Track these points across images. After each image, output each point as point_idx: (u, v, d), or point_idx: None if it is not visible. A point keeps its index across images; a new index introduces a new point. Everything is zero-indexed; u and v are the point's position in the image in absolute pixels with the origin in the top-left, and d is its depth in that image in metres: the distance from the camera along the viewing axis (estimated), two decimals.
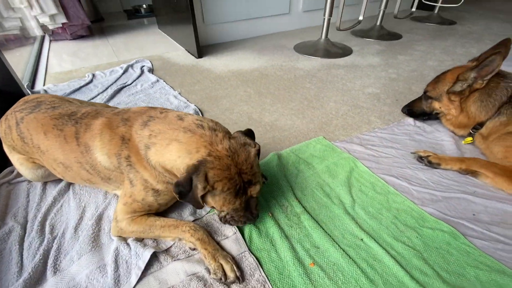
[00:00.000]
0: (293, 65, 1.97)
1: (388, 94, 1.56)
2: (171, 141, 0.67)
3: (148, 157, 0.69)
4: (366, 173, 0.99)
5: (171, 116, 0.72)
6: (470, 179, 0.96)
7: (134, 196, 0.74)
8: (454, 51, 2.18)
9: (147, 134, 0.70)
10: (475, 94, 1.04)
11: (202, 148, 0.64)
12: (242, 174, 0.66)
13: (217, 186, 0.63)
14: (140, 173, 0.72)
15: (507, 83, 1.00)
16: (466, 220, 0.82)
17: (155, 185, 0.73)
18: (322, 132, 1.24)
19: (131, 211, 0.75)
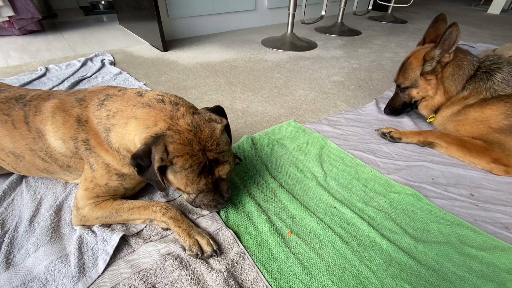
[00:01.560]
0: (261, 57, 1.99)
1: (351, 81, 1.64)
2: (129, 119, 0.62)
3: (110, 140, 0.64)
4: (335, 149, 1.03)
5: (130, 93, 0.66)
6: (428, 149, 1.05)
7: (96, 180, 0.68)
8: (407, 45, 2.38)
9: (105, 115, 0.64)
10: (448, 68, 1.06)
11: (161, 121, 0.59)
12: (207, 152, 0.61)
13: (177, 161, 0.58)
14: (101, 157, 0.66)
15: (472, 57, 1.03)
16: (426, 184, 0.89)
17: (120, 169, 0.68)
18: (292, 116, 1.26)
19: (94, 196, 0.69)
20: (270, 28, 2.80)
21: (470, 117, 1.00)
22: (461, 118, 1.02)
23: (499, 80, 0.96)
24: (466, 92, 1.02)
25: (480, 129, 0.98)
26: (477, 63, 1.02)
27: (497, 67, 0.98)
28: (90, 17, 3.17)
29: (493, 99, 0.95)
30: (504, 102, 0.93)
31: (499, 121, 0.93)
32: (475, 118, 0.99)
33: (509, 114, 0.91)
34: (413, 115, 1.28)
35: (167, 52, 2.05)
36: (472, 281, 0.62)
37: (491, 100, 0.95)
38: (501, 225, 0.76)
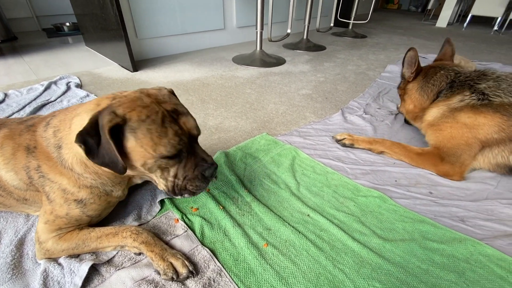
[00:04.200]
0: (233, 74, 2.05)
1: (319, 94, 1.74)
2: (71, 120, 0.60)
3: (63, 157, 0.61)
4: (306, 159, 1.07)
5: (72, 105, 0.66)
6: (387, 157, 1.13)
7: (55, 212, 0.64)
8: (367, 58, 2.58)
9: (51, 132, 0.62)
10: (414, 83, 1.20)
11: (104, 100, 0.58)
12: (161, 104, 0.59)
13: (131, 116, 0.54)
14: (56, 183, 0.63)
15: (446, 72, 1.12)
16: (390, 186, 0.95)
17: (76, 193, 0.64)
18: (265, 130, 1.30)
19: (56, 229, 0.65)
20: (240, 46, 2.90)
21: (460, 121, 0.99)
22: (449, 120, 1.03)
23: (484, 86, 0.98)
24: (441, 99, 1.09)
25: (460, 138, 0.98)
26: (452, 76, 1.09)
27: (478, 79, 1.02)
28: (54, 39, 3.07)
29: (487, 107, 0.94)
30: (500, 114, 0.91)
31: (489, 133, 0.92)
32: (465, 123, 0.97)
33: (504, 128, 0.90)
34: (374, 123, 1.38)
35: (137, 72, 2.03)
36: (435, 273, 0.67)
37: (484, 108, 0.94)
38: (457, 218, 0.83)
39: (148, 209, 0.81)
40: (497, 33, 4.26)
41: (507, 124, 0.92)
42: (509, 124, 0.92)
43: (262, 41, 2.36)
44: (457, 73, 1.08)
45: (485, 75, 1.02)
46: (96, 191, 0.66)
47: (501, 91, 0.95)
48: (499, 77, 0.98)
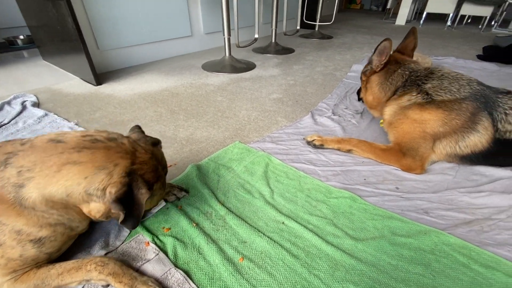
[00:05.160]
0: (203, 82, 2.02)
1: (289, 97, 1.76)
2: (61, 166, 0.57)
3: (23, 196, 0.56)
4: (279, 165, 1.08)
5: (40, 143, 0.59)
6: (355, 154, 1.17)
7: (6, 255, 0.58)
8: (334, 58, 2.67)
9: (15, 173, 0.56)
10: (376, 77, 1.23)
11: (120, 159, 0.60)
12: (164, 169, 0.74)
13: (155, 187, 0.67)
14: (8, 225, 0.57)
15: (403, 70, 1.15)
16: (360, 185, 0.99)
17: (35, 233, 0.59)
18: (237, 138, 1.30)
19: (10, 272, 0.60)
20: (209, 52, 2.87)
21: (410, 117, 1.07)
22: (401, 117, 1.11)
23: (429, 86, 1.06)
24: (396, 97, 1.16)
25: (413, 132, 1.05)
26: (406, 76, 1.14)
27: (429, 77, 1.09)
28: (6, 54, 2.84)
29: (431, 104, 1.02)
30: (442, 110, 1.00)
31: (435, 127, 1.01)
32: (414, 119, 1.06)
33: (446, 122, 0.99)
34: (342, 123, 1.43)
35: (101, 86, 1.94)
36: (404, 268, 0.70)
37: (428, 105, 1.03)
38: (422, 211, 0.88)
39: (116, 235, 0.77)
40: (450, 29, 4.61)
41: (448, 118, 1.00)
42: (450, 118, 1.00)
43: (230, 47, 2.36)
44: (411, 72, 1.14)
45: (432, 73, 1.09)
46: (60, 229, 0.62)
47: (442, 90, 1.02)
48: (443, 76, 1.06)
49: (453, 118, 1.00)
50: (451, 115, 1.01)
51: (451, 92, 1.00)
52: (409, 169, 1.07)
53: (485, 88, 0.99)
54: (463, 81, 1.00)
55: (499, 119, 0.95)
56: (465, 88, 0.98)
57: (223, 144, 1.24)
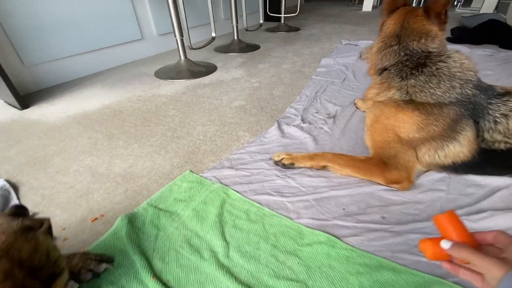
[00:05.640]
0: (154, 93, 1.74)
1: (253, 104, 1.54)
2: None
3: None
4: (239, 201, 0.86)
5: None
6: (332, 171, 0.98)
7: None
8: (302, 52, 2.47)
9: None
10: (378, 42, 1.00)
11: None
12: (39, 272, 0.44)
13: None
14: None
15: (399, 49, 0.92)
16: (338, 218, 0.79)
17: None
18: (189, 165, 1.06)
19: None
20: (165, 56, 2.57)
21: (384, 115, 0.91)
22: (376, 113, 0.95)
23: (412, 83, 0.86)
24: (379, 79, 0.97)
25: (386, 135, 0.91)
26: (398, 57, 0.92)
27: (422, 63, 0.87)
28: None
29: (408, 104, 0.86)
30: (419, 112, 0.84)
31: (410, 132, 0.86)
32: (388, 118, 0.90)
33: (422, 127, 0.83)
34: (313, 132, 1.23)
35: (27, 109, 1.60)
36: None
37: (405, 105, 0.86)
38: (417, 249, 0.70)
39: None
40: None
41: (425, 122, 0.84)
42: (427, 123, 0.83)
43: (185, 49, 2.08)
44: (406, 55, 0.91)
45: (425, 65, 0.86)
46: None
47: (424, 91, 0.84)
48: (437, 71, 0.84)
49: (430, 123, 0.83)
50: (428, 119, 0.83)
51: (434, 95, 0.81)
52: (394, 182, 0.89)
53: (479, 92, 0.81)
54: (457, 82, 0.81)
55: (487, 129, 0.79)
56: (453, 91, 0.80)
57: (170, 177, 1.00)
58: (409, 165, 0.90)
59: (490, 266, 0.36)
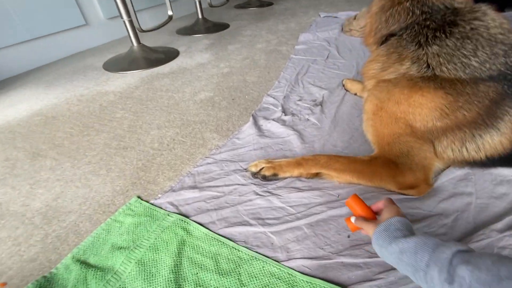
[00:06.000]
0: (99, 90, 1.41)
1: (223, 95, 1.26)
2: None
3: None
4: (204, 240, 0.61)
5: None
6: (327, 179, 0.75)
7: None
8: (277, 29, 2.17)
9: None
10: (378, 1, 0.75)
11: None
12: None
13: None
14: None
15: (412, 4, 0.68)
16: (343, 253, 0.57)
17: None
18: (137, 188, 0.79)
19: None
20: (118, 43, 2.18)
21: (393, 100, 0.68)
22: (382, 96, 0.71)
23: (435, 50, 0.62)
24: (384, 50, 0.72)
25: (395, 126, 0.68)
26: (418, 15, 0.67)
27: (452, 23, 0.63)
28: None
29: (429, 82, 0.63)
30: (444, 92, 0.61)
31: (429, 120, 0.64)
32: (398, 102, 0.67)
33: (447, 113, 0.62)
34: (298, 127, 0.98)
35: None
36: None
37: (424, 82, 0.63)
38: None
39: None
40: None
41: (452, 106, 0.61)
42: (455, 107, 0.61)
43: (136, 33, 1.72)
44: (423, 13, 0.67)
45: (454, 24, 0.62)
46: None
47: (455, 62, 0.60)
48: (472, 32, 0.61)
49: (460, 106, 0.61)
50: (457, 102, 0.61)
51: (469, 66, 0.58)
52: (409, 188, 0.68)
53: None
54: (499, 47, 0.58)
55: None
56: (495, 61, 0.58)
57: (110, 209, 0.73)
58: (426, 163, 0.68)
59: (369, 229, 0.50)
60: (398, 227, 0.45)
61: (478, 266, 0.33)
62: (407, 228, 0.45)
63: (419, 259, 0.39)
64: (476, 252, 0.37)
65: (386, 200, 0.54)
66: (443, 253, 0.37)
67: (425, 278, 0.38)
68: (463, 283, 0.33)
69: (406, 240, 0.42)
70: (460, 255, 0.36)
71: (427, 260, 0.38)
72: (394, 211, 0.49)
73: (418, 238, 0.42)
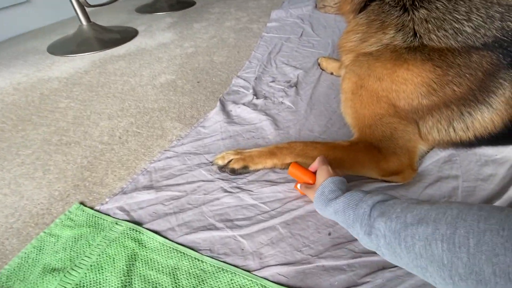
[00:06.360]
0: (41, 77, 1.20)
1: (187, 78, 1.12)
2: None
3: None
4: (160, 251, 0.51)
5: None
6: None
7: None
8: (247, 6, 2.01)
9: None
10: None
11: None
12: None
13: None
14: None
15: None
16: (324, 254, 0.49)
17: None
18: (80, 192, 0.65)
19: None
20: (66, 24, 1.90)
21: (374, 75, 0.60)
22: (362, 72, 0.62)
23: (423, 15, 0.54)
24: (364, 17, 0.64)
25: (377, 106, 0.61)
26: None
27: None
28: None
29: (415, 53, 0.55)
30: (432, 65, 0.54)
31: (415, 98, 0.57)
32: (380, 79, 0.59)
33: (435, 89, 0.54)
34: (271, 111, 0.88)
35: None
36: None
37: (410, 54, 0.55)
38: None
39: None
40: None
41: (441, 81, 0.55)
42: (444, 81, 0.55)
43: (85, 10, 1.49)
44: None
45: None
46: None
47: (445, 28, 0.52)
48: None
49: (449, 81, 0.54)
50: (446, 75, 0.54)
51: (462, 33, 0.51)
52: (394, 174, 0.61)
53: None
54: (495, 9, 0.50)
55: None
56: (491, 26, 0.50)
57: (45, 220, 0.60)
58: (410, 147, 0.62)
59: (311, 196, 0.52)
60: (331, 188, 0.48)
61: (390, 216, 0.36)
62: (339, 187, 0.48)
63: (347, 217, 0.42)
64: (392, 200, 0.39)
65: (318, 159, 0.55)
66: (362, 208, 0.40)
67: (354, 232, 0.42)
68: (379, 234, 0.36)
69: (336, 201, 0.45)
70: (378, 207, 0.39)
71: (352, 217, 0.42)
72: (325, 172, 0.51)
73: (345, 197, 0.44)
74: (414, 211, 0.34)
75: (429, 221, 0.31)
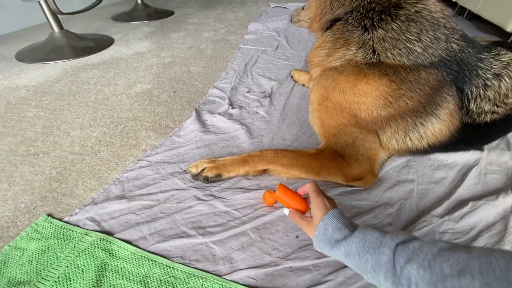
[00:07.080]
0: (8, 85, 1.16)
1: (163, 87, 1.13)
2: None
3: None
4: (131, 260, 0.51)
5: None
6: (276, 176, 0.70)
7: None
8: (226, 18, 2.06)
9: None
10: None
11: None
12: None
13: None
14: None
15: None
16: (292, 256, 0.52)
17: None
18: (48, 204, 0.64)
19: None
20: (36, 30, 1.84)
21: (338, 88, 0.66)
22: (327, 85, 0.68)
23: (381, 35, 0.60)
24: (330, 35, 0.69)
25: (340, 117, 0.66)
26: None
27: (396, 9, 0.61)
28: None
29: (374, 69, 0.61)
30: (388, 80, 0.59)
31: (374, 109, 0.62)
32: (343, 91, 0.65)
33: (391, 101, 0.60)
34: (246, 120, 0.92)
35: None
36: None
37: (369, 69, 0.61)
38: None
39: None
40: None
41: (395, 94, 0.61)
42: (398, 95, 0.61)
43: (56, 16, 1.46)
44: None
45: (399, 7, 0.61)
46: None
47: (399, 47, 0.59)
48: (417, 14, 0.60)
49: (402, 94, 0.61)
50: (400, 89, 0.61)
51: (413, 52, 0.57)
52: (356, 179, 0.66)
53: (466, 45, 0.59)
54: (442, 32, 0.57)
55: (474, 97, 0.60)
56: (438, 46, 0.57)
57: (9, 233, 0.58)
58: (371, 154, 0.67)
59: (306, 230, 0.47)
60: (335, 225, 0.42)
61: (421, 263, 0.32)
62: (344, 223, 0.43)
63: (364, 262, 0.38)
64: (416, 242, 0.35)
65: (310, 187, 0.50)
66: (384, 254, 0.36)
67: (374, 280, 0.37)
68: (409, 284, 0.32)
69: (347, 242, 0.40)
70: (401, 252, 0.34)
71: (371, 264, 0.37)
72: (322, 204, 0.46)
73: (357, 238, 0.40)
74: (450, 260, 0.30)
75: (474, 273, 0.27)
